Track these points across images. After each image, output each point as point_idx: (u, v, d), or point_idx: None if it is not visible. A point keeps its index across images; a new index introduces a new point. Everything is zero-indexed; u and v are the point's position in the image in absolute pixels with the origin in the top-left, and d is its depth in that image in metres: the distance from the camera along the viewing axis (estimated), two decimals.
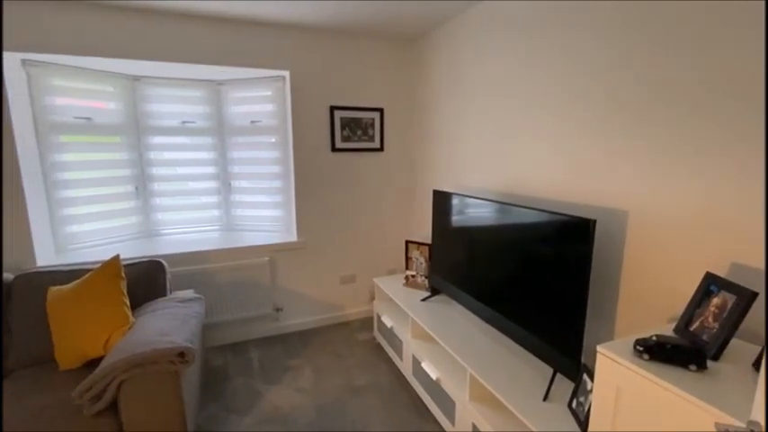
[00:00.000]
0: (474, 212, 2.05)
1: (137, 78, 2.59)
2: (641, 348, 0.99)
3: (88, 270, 1.93)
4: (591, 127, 1.58)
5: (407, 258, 2.68)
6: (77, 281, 1.85)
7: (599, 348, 1.06)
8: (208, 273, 2.62)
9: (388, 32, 2.75)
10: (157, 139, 2.72)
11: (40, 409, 1.50)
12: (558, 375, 1.54)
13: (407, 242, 2.68)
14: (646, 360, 0.98)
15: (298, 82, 2.69)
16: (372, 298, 3.17)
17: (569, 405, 1.41)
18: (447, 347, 1.85)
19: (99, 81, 2.47)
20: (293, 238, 2.89)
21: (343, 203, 2.99)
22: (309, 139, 2.79)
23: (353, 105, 2.86)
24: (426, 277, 2.56)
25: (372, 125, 2.95)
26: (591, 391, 1.27)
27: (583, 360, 1.42)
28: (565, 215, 1.46)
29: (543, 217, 1.57)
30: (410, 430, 1.95)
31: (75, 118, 2.41)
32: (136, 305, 1.97)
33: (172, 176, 2.83)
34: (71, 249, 2.47)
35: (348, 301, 3.16)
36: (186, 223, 2.91)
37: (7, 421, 1.44)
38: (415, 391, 2.21)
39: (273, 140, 2.88)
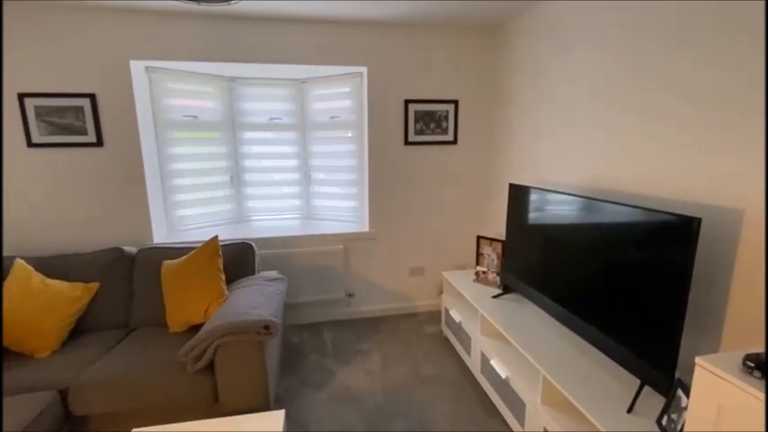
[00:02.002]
0: (555, 209, 1.94)
1: (233, 79, 2.89)
2: (752, 365, 0.86)
3: (192, 248, 2.22)
4: (697, 117, 1.39)
5: (479, 254, 2.62)
6: (184, 257, 2.14)
7: (698, 361, 0.95)
8: (289, 257, 2.85)
9: (465, 22, 2.69)
10: (248, 135, 3.01)
11: (158, 362, 1.77)
12: (647, 388, 1.40)
13: (479, 237, 2.62)
14: (758, 378, 0.86)
15: (374, 77, 2.76)
16: (440, 292, 3.17)
17: (658, 421, 1.28)
18: (519, 347, 1.79)
19: (202, 83, 2.80)
20: (365, 228, 3.00)
21: (415, 196, 3.02)
22: (383, 132, 2.86)
23: (428, 98, 2.87)
24: (498, 274, 2.49)
25: (446, 117, 2.92)
26: (686, 408, 1.14)
27: (677, 375, 1.28)
28: (664, 212, 1.31)
29: (637, 214, 1.43)
30: (477, 427, 1.93)
31: (185, 116, 2.77)
32: (229, 281, 2.22)
33: (259, 168, 3.11)
34: (179, 230, 2.86)
35: (416, 293, 3.19)
36: (271, 211, 3.18)
37: (135, 367, 1.74)
38: (482, 387, 2.18)
39: (350, 135, 3.00)
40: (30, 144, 2.38)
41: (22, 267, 2.01)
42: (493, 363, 1.97)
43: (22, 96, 2.32)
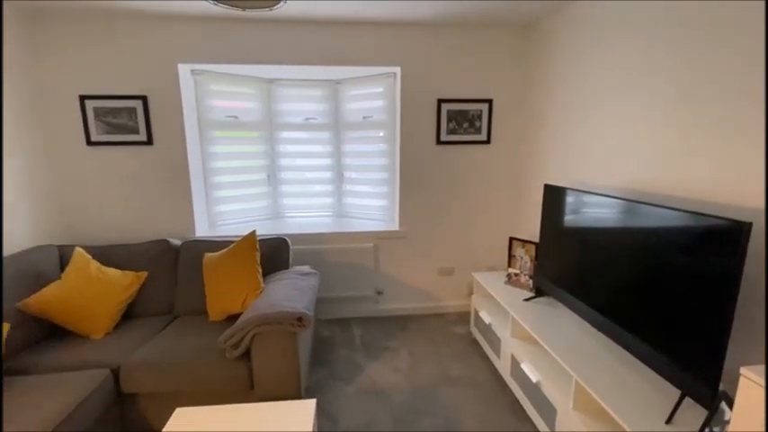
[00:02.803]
0: (593, 211, 1.88)
1: (271, 81, 3.00)
2: None
3: (232, 242, 2.33)
4: (750, 115, 1.32)
5: (510, 256, 2.58)
6: (224, 250, 2.26)
7: (743, 371, 0.91)
8: (321, 253, 2.93)
9: (500, 21, 2.66)
10: (285, 134, 3.12)
11: (199, 348, 1.89)
12: (687, 399, 1.34)
13: (512, 239, 2.58)
14: None
15: (408, 77, 2.79)
16: (470, 292, 3.14)
17: None
18: (551, 351, 1.75)
19: (243, 85, 2.93)
20: (395, 227, 3.03)
21: (445, 196, 3.01)
22: (415, 132, 2.88)
23: (461, 98, 2.85)
24: (531, 277, 2.44)
25: (479, 117, 2.90)
26: (728, 421, 1.09)
27: (721, 386, 1.22)
28: (711, 216, 1.25)
29: (681, 218, 1.37)
30: (506, 429, 1.91)
31: (227, 117, 2.91)
32: (265, 273, 2.32)
33: (294, 167, 3.21)
34: (219, 225, 3.01)
35: (445, 293, 3.19)
36: (305, 208, 3.28)
37: (179, 352, 1.86)
38: (511, 390, 2.15)
39: (382, 134, 3.04)
40: (89, 142, 2.59)
41: (81, 256, 2.19)
42: (523, 366, 1.95)
43: (83, 98, 2.53)
